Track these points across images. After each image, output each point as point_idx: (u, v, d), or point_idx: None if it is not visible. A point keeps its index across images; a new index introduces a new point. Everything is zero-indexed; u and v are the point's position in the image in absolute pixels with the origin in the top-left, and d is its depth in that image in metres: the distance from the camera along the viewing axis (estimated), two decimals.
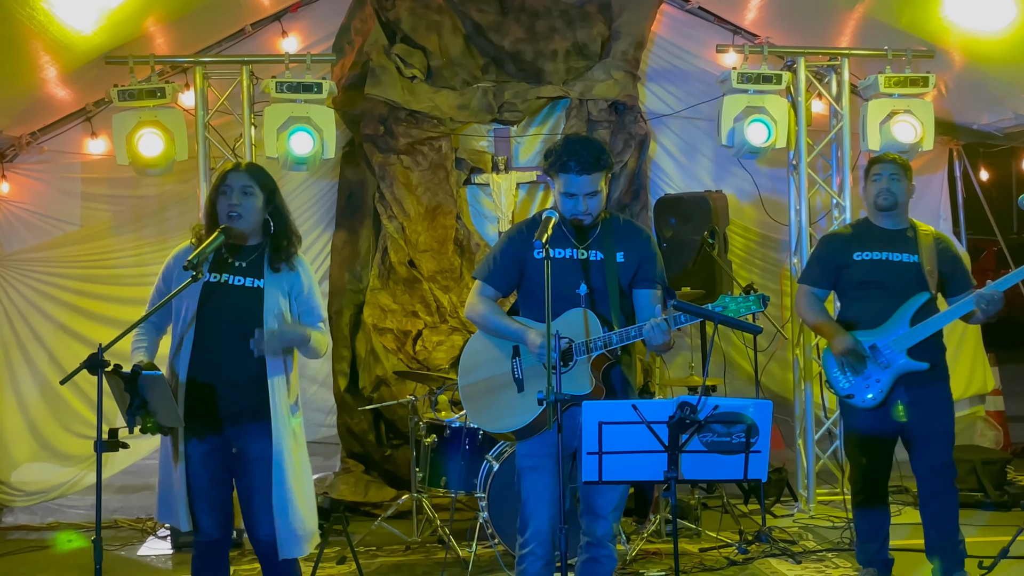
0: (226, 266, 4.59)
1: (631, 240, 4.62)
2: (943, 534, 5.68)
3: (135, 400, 4.21)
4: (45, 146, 8.22)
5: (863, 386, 5.60)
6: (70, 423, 8.21)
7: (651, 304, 4.55)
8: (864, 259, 5.70)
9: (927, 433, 5.63)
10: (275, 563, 4.60)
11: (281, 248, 4.62)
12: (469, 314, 4.71)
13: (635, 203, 8.81)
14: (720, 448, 3.82)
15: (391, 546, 7.19)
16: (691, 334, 8.55)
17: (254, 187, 4.58)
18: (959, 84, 8.30)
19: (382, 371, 8.35)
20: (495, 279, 4.69)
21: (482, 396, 4.66)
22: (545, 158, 4.58)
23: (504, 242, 4.72)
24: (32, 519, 8.17)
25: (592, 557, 4.54)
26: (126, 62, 7.47)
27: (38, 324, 8.24)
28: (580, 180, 4.44)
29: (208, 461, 4.57)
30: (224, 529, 4.67)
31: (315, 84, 7.61)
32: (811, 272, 5.96)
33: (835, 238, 5.99)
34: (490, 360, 4.65)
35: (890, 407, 5.62)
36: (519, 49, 8.63)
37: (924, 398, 5.60)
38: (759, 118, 7.87)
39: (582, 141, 4.55)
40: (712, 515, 7.68)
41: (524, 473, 4.54)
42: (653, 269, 4.61)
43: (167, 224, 8.41)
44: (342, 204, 8.70)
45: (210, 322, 4.53)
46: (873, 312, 5.64)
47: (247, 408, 4.51)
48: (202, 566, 4.73)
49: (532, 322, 4.55)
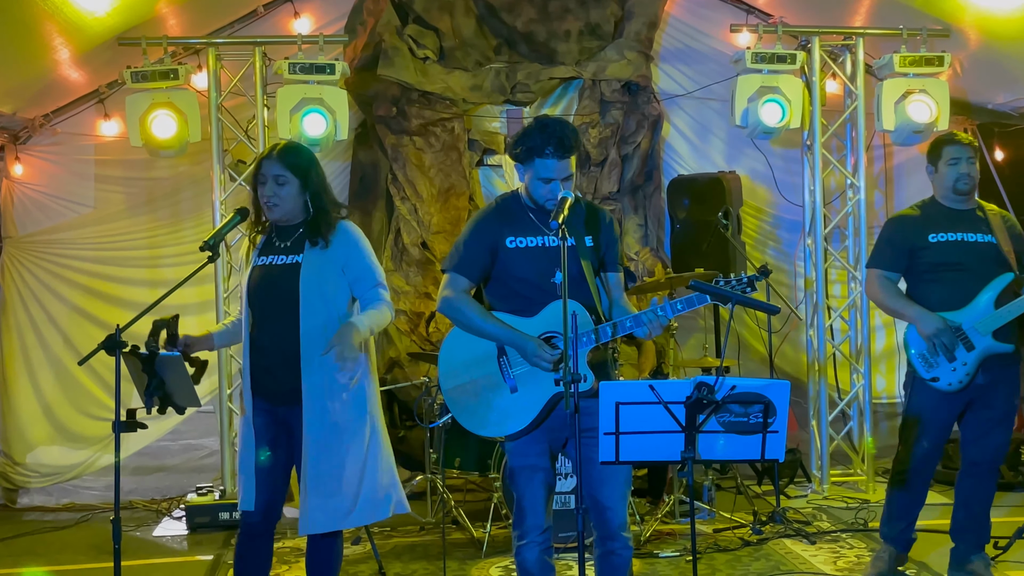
0: (273, 248, 4.59)
1: (596, 223, 4.50)
2: (972, 516, 5.64)
3: (152, 381, 4.22)
4: (58, 128, 8.22)
5: (949, 369, 5.47)
6: (85, 405, 8.24)
7: (617, 287, 4.49)
8: (941, 241, 5.53)
9: (988, 412, 5.56)
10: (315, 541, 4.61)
11: (317, 225, 4.56)
12: (444, 309, 4.47)
13: (648, 184, 8.79)
14: (737, 428, 3.81)
15: (405, 527, 7.21)
16: (704, 315, 8.54)
17: (286, 174, 4.53)
18: (974, 63, 8.25)
19: (395, 353, 8.36)
20: (466, 269, 4.46)
21: (470, 399, 4.44)
22: (516, 144, 4.39)
23: (471, 230, 4.50)
24: (47, 500, 8.21)
25: (607, 551, 4.42)
26: (139, 44, 7.47)
27: (52, 306, 8.26)
28: (559, 164, 4.28)
29: (265, 436, 4.56)
30: (270, 511, 4.62)
31: (328, 65, 7.59)
32: (882, 255, 5.76)
33: (906, 220, 5.76)
34: (474, 360, 4.43)
35: (958, 410, 5.59)
36: (532, 30, 8.60)
37: (995, 379, 5.50)
38: (773, 98, 7.84)
39: (557, 123, 4.36)
40: (726, 496, 7.68)
41: (517, 472, 4.43)
42: (616, 252, 4.52)
43: (181, 206, 8.42)
44: (355, 185, 8.70)
45: (258, 304, 4.54)
46: (953, 294, 5.49)
47: (292, 388, 4.47)
48: (250, 546, 4.67)
49: (514, 319, 4.36)
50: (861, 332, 8.34)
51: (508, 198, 4.53)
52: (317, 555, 4.67)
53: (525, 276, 4.34)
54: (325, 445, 4.48)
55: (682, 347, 8.31)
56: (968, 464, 5.70)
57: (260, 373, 4.54)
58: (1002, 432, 5.61)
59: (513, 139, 4.45)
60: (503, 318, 4.39)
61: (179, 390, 4.31)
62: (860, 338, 8.36)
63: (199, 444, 8.49)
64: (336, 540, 4.67)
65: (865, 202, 8.26)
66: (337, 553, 4.71)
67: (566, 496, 6.20)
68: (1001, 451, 5.63)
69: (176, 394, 4.31)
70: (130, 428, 4.11)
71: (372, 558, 6.21)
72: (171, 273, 8.18)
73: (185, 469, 8.43)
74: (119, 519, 4.09)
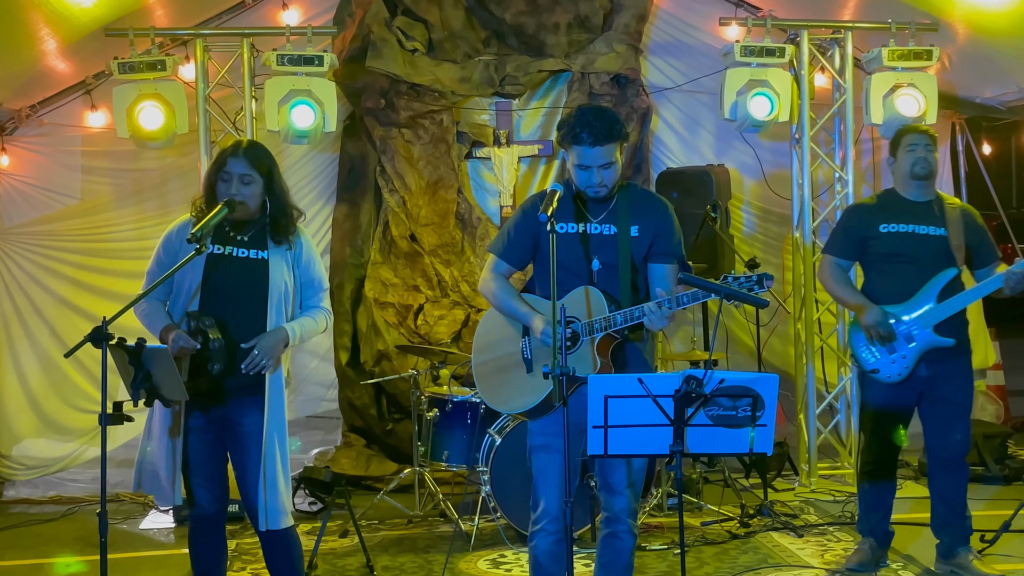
0: (229, 239, 4.59)
1: (647, 212, 4.51)
2: (951, 509, 5.69)
3: (139, 373, 4.21)
4: (45, 119, 8.18)
5: (889, 361, 5.56)
6: (71, 397, 8.22)
7: (663, 280, 4.46)
8: (891, 231, 5.63)
9: (945, 407, 5.62)
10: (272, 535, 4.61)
11: (280, 225, 4.61)
12: (482, 290, 4.67)
13: (637, 177, 8.78)
14: (726, 422, 3.81)
15: (393, 520, 7.21)
16: (692, 309, 8.52)
17: (253, 174, 4.54)
18: (963, 57, 8.26)
19: (383, 345, 8.35)
20: (508, 254, 4.61)
21: (494, 375, 4.61)
22: (558, 130, 4.50)
23: (519, 216, 4.63)
24: (34, 492, 8.18)
25: (612, 532, 4.51)
26: (126, 34, 7.43)
27: (39, 298, 8.23)
28: (593, 151, 4.34)
29: (205, 435, 4.58)
30: (220, 503, 4.69)
31: (316, 57, 7.57)
32: (836, 242, 5.88)
33: (861, 209, 5.91)
34: (502, 339, 4.60)
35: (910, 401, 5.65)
36: (521, 22, 8.58)
37: (945, 372, 5.58)
38: (762, 91, 7.84)
39: (595, 111, 4.42)
40: (713, 489, 7.69)
41: (535, 452, 4.50)
42: (669, 242, 4.50)
43: (168, 197, 8.39)
44: (343, 178, 8.68)
45: (215, 294, 4.52)
46: (899, 286, 5.59)
47: (247, 382, 4.49)
48: (198, 540, 4.74)
49: (541, 301, 4.49)
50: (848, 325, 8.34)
51: (559, 184, 4.54)
52: (279, 549, 4.70)
53: (561, 261, 4.31)
54: (280, 439, 4.55)
55: (670, 340, 8.31)
56: (935, 460, 5.76)
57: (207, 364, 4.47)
58: (962, 425, 5.67)
59: (557, 124, 4.59)
60: (532, 300, 4.52)
61: (166, 383, 4.30)
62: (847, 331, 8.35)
63: None
64: (294, 530, 4.69)
65: (853, 196, 8.27)
66: (298, 542, 4.75)
67: None
68: (964, 443, 5.69)
69: (163, 387, 4.30)
70: (117, 421, 4.10)
71: (360, 551, 6.20)
72: None
73: None
74: (105, 512, 4.09)
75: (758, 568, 6.03)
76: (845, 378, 8.33)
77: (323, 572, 6.12)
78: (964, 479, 5.71)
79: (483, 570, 6.16)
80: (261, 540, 4.72)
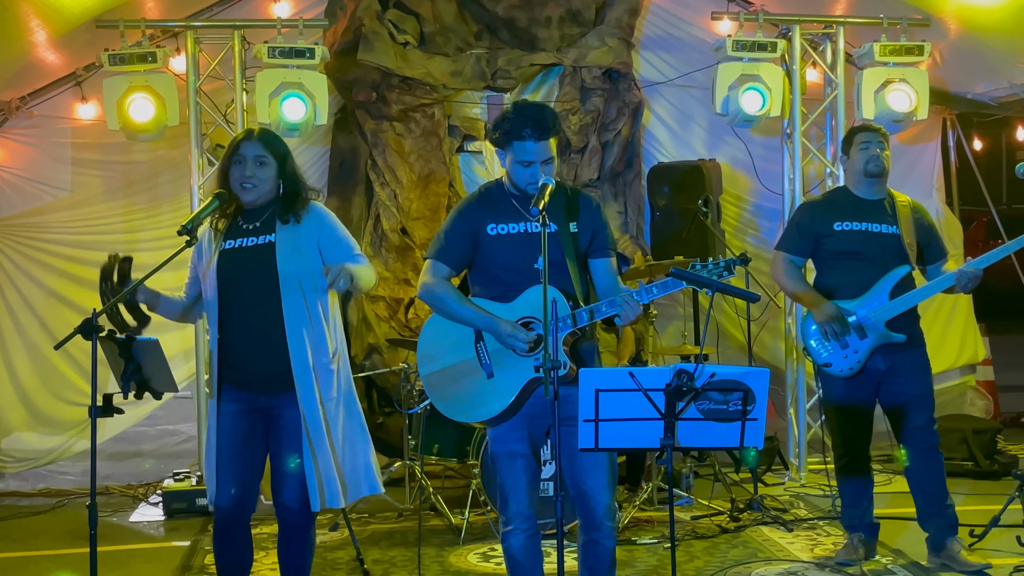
0: (240, 231, 4.54)
1: (583, 210, 4.49)
2: (930, 499, 5.72)
3: (129, 365, 4.20)
4: (35, 111, 8.14)
5: (841, 356, 5.66)
6: (61, 390, 8.19)
7: (609, 273, 4.47)
8: (844, 229, 5.71)
9: (906, 398, 5.70)
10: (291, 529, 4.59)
11: (293, 202, 4.53)
12: (424, 295, 4.49)
13: (628, 171, 8.79)
14: (717, 416, 3.81)
15: (383, 513, 7.21)
16: (683, 303, 8.54)
17: (268, 156, 4.50)
18: (954, 53, 8.27)
19: (374, 339, 8.34)
20: (448, 256, 4.48)
21: (447, 385, 4.47)
22: (495, 128, 4.40)
23: (454, 218, 4.52)
24: (23, 485, 8.16)
25: (591, 540, 4.43)
26: (117, 26, 7.41)
27: (29, 291, 8.20)
28: (537, 147, 4.29)
29: (237, 423, 4.51)
30: (245, 500, 4.56)
31: (307, 49, 7.55)
32: (790, 239, 5.97)
33: (814, 206, 6.01)
34: (451, 345, 4.45)
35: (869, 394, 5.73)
36: (513, 15, 8.57)
37: (900, 363, 5.67)
38: (754, 86, 7.85)
39: (535, 106, 4.39)
40: (704, 483, 7.70)
41: (499, 458, 4.44)
42: (606, 238, 4.51)
43: (158, 190, 8.35)
44: (334, 171, 8.66)
45: (230, 288, 4.48)
46: (852, 282, 5.68)
47: (275, 373, 4.43)
48: (224, 540, 4.62)
49: (493, 304, 4.38)
50: None
51: (492, 186, 4.54)
52: (293, 540, 4.64)
53: (506, 263, 4.34)
54: (319, 424, 4.45)
55: (661, 334, 8.31)
56: (907, 452, 5.80)
57: (236, 361, 4.48)
58: (923, 412, 5.71)
59: (492, 124, 4.48)
60: (483, 304, 4.40)
61: (156, 375, 4.29)
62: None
63: (176, 430, 8.45)
64: (312, 524, 4.65)
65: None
66: (312, 537, 4.70)
67: (546, 483, 6.21)
68: (930, 431, 5.72)
69: (153, 379, 4.30)
70: (107, 413, 4.10)
71: (350, 544, 6.20)
72: (149, 258, 7.99)
73: (162, 455, 8.39)
74: (95, 504, 4.07)
75: (748, 562, 6.04)
76: None
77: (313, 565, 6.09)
78: (938, 468, 5.74)
79: (473, 563, 6.16)
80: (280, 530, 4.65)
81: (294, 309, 4.44)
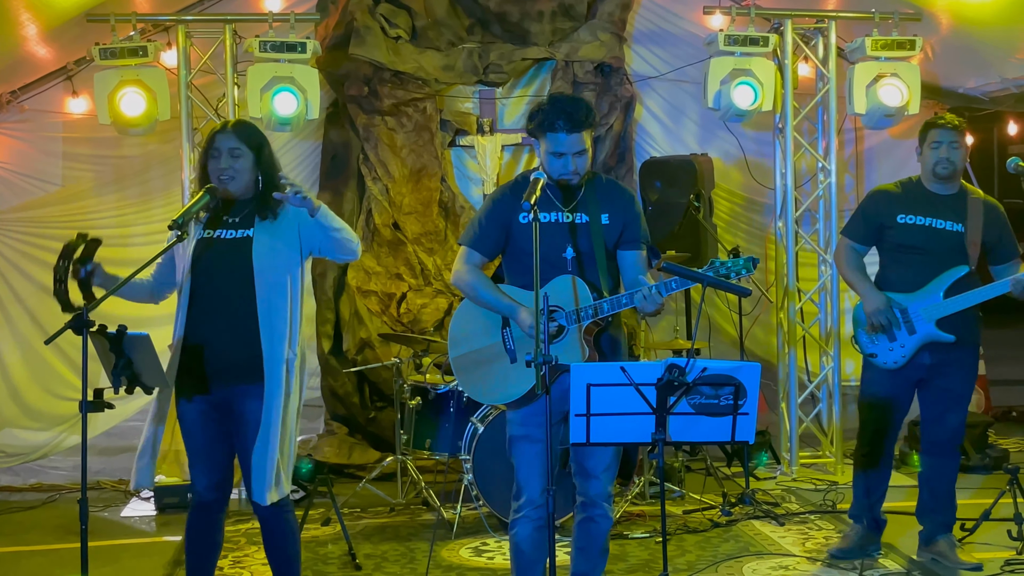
0: (220, 223, 4.55)
1: (615, 201, 4.57)
2: (936, 496, 5.73)
3: (120, 360, 4.19)
4: (25, 105, 8.10)
5: (887, 348, 5.61)
6: (52, 385, 8.17)
7: (637, 265, 4.54)
8: (907, 223, 5.62)
9: (946, 395, 5.66)
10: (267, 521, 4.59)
11: (269, 200, 4.53)
12: (456, 282, 4.64)
13: (620, 166, 8.78)
14: (708, 410, 3.82)
15: (375, 508, 7.20)
16: (675, 297, 8.54)
17: (242, 147, 4.51)
18: (946, 48, 8.28)
19: (366, 333, 8.34)
20: (481, 244, 4.61)
21: (474, 368, 4.61)
22: (530, 119, 4.51)
23: (489, 206, 4.64)
24: (14, 480, 8.14)
25: (587, 517, 4.56)
26: (108, 20, 7.39)
27: (19, 285, 8.17)
28: (569, 139, 4.37)
29: (205, 420, 4.53)
30: (219, 491, 4.62)
31: (299, 44, 7.54)
32: (855, 227, 5.87)
33: (882, 196, 5.82)
34: (480, 330, 4.59)
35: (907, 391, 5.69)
36: (505, 10, 8.56)
37: (947, 362, 5.60)
38: (745, 81, 7.85)
39: (569, 99, 4.51)
40: (695, 478, 7.71)
41: (515, 442, 4.52)
42: (638, 230, 4.58)
43: (150, 185, 8.33)
44: (326, 165, 8.65)
45: (202, 278, 4.48)
46: (910, 276, 5.60)
47: (240, 365, 4.43)
48: (195, 527, 4.68)
49: (520, 292, 4.48)
50: (831, 315, 8.37)
51: (528, 174, 4.55)
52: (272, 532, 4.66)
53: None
54: (279, 417, 4.44)
55: (653, 329, 8.32)
56: (928, 444, 5.80)
57: (199, 345, 4.46)
58: (958, 412, 5.70)
59: (528, 114, 4.57)
60: (511, 291, 4.52)
61: (147, 370, 4.28)
62: (830, 321, 8.39)
63: None
64: (285, 513, 4.63)
65: (836, 185, 8.28)
66: (292, 525, 4.70)
67: None
68: (959, 431, 5.72)
69: (144, 374, 4.28)
70: (97, 408, 4.08)
71: (342, 539, 6.20)
72: (140, 252, 8.07)
73: None
74: (86, 499, 4.06)
75: (740, 556, 6.04)
76: (827, 367, 8.36)
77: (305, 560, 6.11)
78: (953, 467, 5.75)
79: (465, 558, 6.17)
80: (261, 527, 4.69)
81: (267, 304, 4.45)
